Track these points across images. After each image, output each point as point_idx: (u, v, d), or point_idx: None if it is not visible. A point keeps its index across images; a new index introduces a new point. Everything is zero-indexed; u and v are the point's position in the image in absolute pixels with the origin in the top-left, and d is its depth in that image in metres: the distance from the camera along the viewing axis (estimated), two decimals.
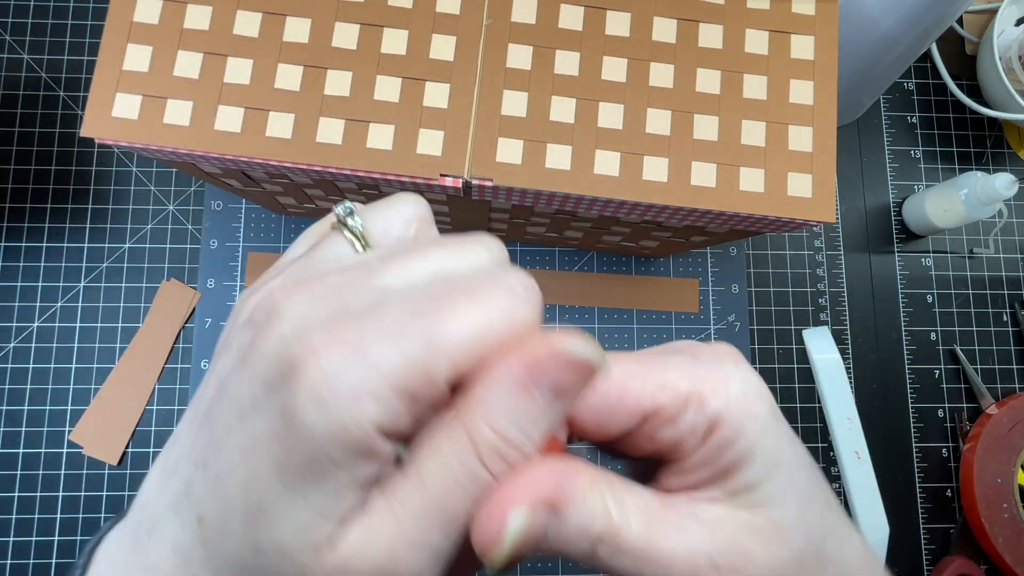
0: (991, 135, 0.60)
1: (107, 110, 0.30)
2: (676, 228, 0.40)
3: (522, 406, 0.13)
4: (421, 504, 0.13)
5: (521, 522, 0.13)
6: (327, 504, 0.13)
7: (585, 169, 0.31)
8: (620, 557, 0.14)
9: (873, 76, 0.51)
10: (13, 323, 0.52)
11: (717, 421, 0.15)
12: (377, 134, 0.31)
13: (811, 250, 0.58)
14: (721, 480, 0.15)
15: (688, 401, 0.15)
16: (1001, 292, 0.58)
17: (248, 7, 0.31)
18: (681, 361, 0.16)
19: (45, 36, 0.55)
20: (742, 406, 0.15)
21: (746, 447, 0.15)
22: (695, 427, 0.15)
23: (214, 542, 0.14)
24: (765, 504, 0.15)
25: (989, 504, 0.51)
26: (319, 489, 0.13)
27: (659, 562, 0.14)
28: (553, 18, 0.32)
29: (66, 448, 0.50)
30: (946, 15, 0.43)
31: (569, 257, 0.56)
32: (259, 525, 0.13)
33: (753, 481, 0.15)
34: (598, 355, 0.13)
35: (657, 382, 0.15)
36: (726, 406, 0.15)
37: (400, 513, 0.13)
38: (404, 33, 0.31)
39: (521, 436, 0.13)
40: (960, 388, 0.56)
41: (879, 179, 0.59)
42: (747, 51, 0.32)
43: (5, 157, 0.53)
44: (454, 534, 0.14)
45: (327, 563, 0.13)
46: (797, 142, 0.32)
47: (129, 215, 0.54)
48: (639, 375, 0.15)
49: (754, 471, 0.15)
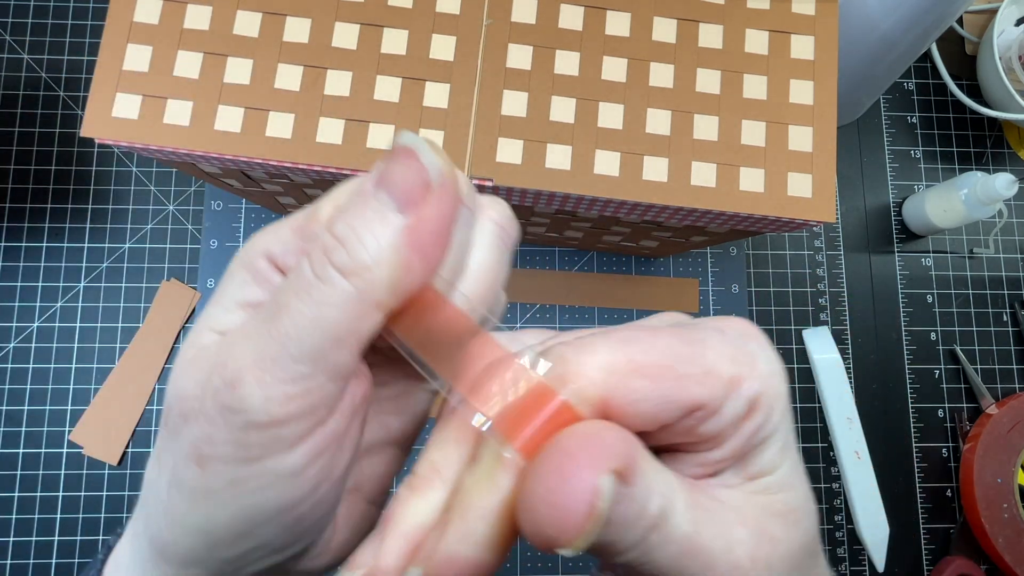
0: (991, 135, 0.60)
1: (107, 110, 0.30)
2: (676, 228, 0.40)
3: (358, 206, 0.14)
4: (269, 315, 0.14)
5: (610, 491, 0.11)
6: (215, 316, 0.16)
7: (585, 169, 0.31)
8: (666, 548, 0.12)
9: (873, 76, 0.51)
10: (13, 323, 0.52)
11: (754, 406, 0.14)
12: (377, 134, 0.31)
13: (811, 250, 0.58)
14: (740, 464, 0.14)
15: (731, 387, 0.13)
16: (1001, 292, 0.58)
17: (248, 7, 0.31)
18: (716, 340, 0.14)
19: (45, 36, 0.55)
20: (772, 387, 0.14)
21: (771, 430, 0.14)
22: (736, 415, 0.13)
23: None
24: (781, 488, 0.14)
25: (989, 504, 0.51)
26: (215, 305, 0.16)
27: (706, 554, 0.13)
28: (553, 18, 0.32)
29: (66, 448, 0.50)
30: (946, 15, 0.43)
31: (569, 257, 0.56)
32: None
33: (771, 465, 0.14)
34: (435, 157, 0.14)
35: (705, 367, 0.13)
36: (761, 388, 0.14)
37: (251, 325, 0.14)
38: (404, 33, 0.31)
39: (350, 234, 0.13)
40: (960, 388, 0.56)
41: (879, 179, 0.59)
42: (747, 51, 0.32)
43: (5, 157, 0.53)
44: (307, 349, 0.13)
45: (188, 352, 0.15)
46: (797, 142, 0.32)
47: (129, 215, 0.54)
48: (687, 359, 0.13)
49: (773, 454, 0.14)
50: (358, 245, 0.13)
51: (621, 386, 0.13)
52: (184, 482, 0.15)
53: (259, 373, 0.13)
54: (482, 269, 0.16)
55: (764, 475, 0.14)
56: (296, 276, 0.14)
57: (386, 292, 0.13)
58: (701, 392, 0.13)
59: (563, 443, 0.12)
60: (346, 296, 0.13)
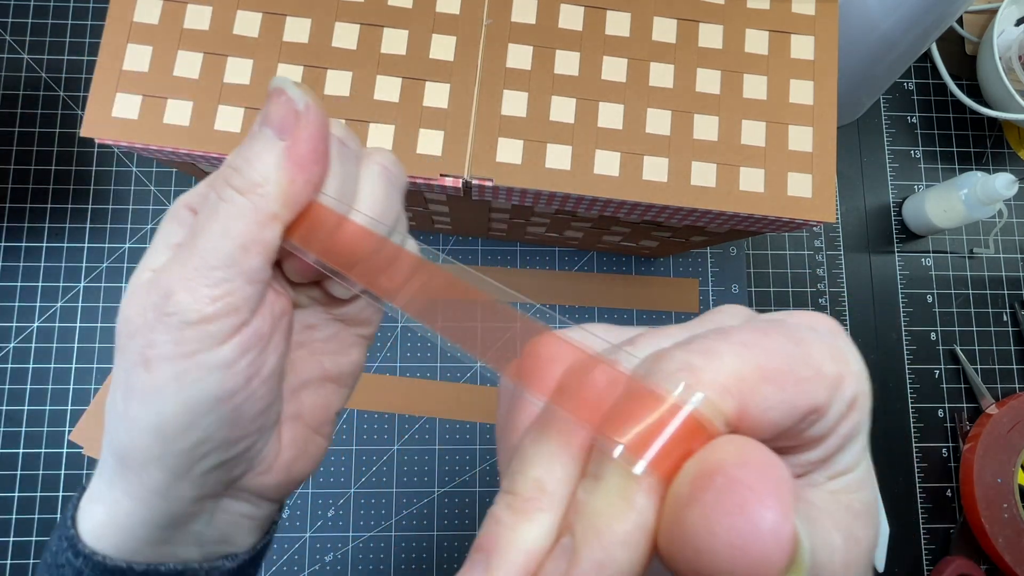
0: (991, 135, 0.60)
1: (107, 110, 0.30)
2: (676, 228, 0.40)
3: (248, 141, 0.17)
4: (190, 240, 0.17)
5: (807, 540, 0.10)
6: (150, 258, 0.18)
7: (585, 169, 0.31)
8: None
9: (873, 76, 0.51)
10: (13, 323, 0.52)
11: (852, 405, 0.13)
12: (377, 134, 0.31)
13: (811, 250, 0.58)
14: (825, 464, 0.13)
15: (835, 387, 0.13)
16: (1001, 292, 0.58)
17: (248, 7, 0.31)
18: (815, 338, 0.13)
19: (45, 36, 0.55)
20: (863, 383, 0.13)
21: (859, 427, 0.13)
22: (839, 415, 0.13)
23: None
24: (860, 486, 0.14)
25: (989, 504, 0.51)
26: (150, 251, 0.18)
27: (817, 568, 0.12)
28: (553, 18, 0.32)
29: (66, 448, 0.50)
30: (946, 15, 0.43)
31: (569, 257, 0.56)
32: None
33: (854, 462, 0.14)
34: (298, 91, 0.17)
35: (816, 368, 0.12)
36: (858, 387, 0.13)
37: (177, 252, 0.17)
38: (404, 33, 0.31)
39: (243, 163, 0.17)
40: (960, 388, 0.56)
41: (879, 179, 0.59)
42: (747, 51, 0.32)
43: (5, 157, 0.53)
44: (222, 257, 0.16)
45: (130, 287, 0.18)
46: (797, 142, 0.32)
47: (129, 215, 0.54)
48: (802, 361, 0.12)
49: (856, 452, 0.14)
50: (249, 169, 0.17)
51: (755, 395, 0.12)
52: (135, 386, 0.17)
53: (186, 282, 0.16)
54: (370, 196, 0.19)
55: (846, 473, 0.14)
56: (206, 205, 0.17)
57: (277, 203, 0.17)
58: (818, 395, 0.12)
59: (735, 472, 0.10)
60: (245, 209, 0.16)
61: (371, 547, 0.51)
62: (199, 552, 0.20)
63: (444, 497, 0.52)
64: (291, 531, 0.51)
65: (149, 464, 0.17)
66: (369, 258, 0.18)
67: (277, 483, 0.21)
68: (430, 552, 0.51)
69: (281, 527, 0.51)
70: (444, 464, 0.52)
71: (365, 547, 0.51)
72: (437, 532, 0.51)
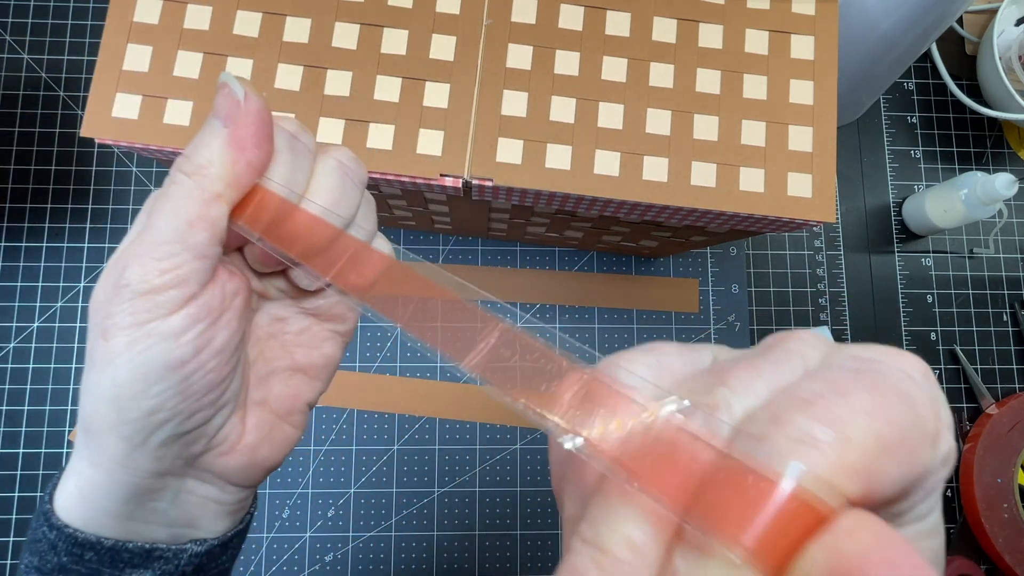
0: (991, 135, 0.60)
1: (107, 110, 0.30)
2: (676, 228, 0.40)
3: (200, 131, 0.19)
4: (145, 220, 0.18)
5: None
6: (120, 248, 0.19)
7: (585, 169, 0.31)
8: None
9: (873, 76, 0.51)
10: (13, 323, 0.52)
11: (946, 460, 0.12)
12: (377, 134, 0.31)
13: (811, 250, 0.58)
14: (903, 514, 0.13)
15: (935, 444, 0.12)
16: (1001, 292, 0.58)
17: (248, 7, 0.31)
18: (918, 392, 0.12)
19: (45, 36, 0.55)
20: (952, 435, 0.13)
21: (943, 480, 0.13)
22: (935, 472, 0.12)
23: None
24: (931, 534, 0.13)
25: (989, 504, 0.51)
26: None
27: None
28: (553, 18, 0.32)
29: (66, 448, 0.50)
30: (946, 15, 0.43)
31: (569, 257, 0.56)
32: None
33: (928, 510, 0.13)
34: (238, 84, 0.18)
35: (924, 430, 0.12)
36: (951, 442, 0.12)
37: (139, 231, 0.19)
38: (404, 33, 0.31)
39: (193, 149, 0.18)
40: (960, 388, 0.56)
41: (879, 179, 0.59)
42: (747, 51, 0.32)
43: (5, 157, 0.53)
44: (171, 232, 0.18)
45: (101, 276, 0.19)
46: (797, 142, 0.32)
47: (129, 215, 0.54)
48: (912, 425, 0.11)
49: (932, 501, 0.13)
50: (196, 154, 0.18)
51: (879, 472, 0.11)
52: (95, 357, 0.18)
53: (138, 256, 0.18)
54: (323, 188, 0.20)
55: (919, 521, 0.13)
56: (160, 190, 0.19)
57: (221, 182, 0.18)
58: (926, 459, 0.11)
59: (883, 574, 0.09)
60: (191, 189, 0.18)
61: (371, 547, 0.51)
62: (166, 533, 0.21)
63: (444, 497, 0.52)
64: (291, 531, 0.51)
65: (108, 432, 0.18)
66: (326, 248, 0.19)
67: (240, 466, 0.21)
68: (430, 552, 0.51)
69: (281, 527, 0.51)
70: (444, 464, 0.52)
71: (365, 547, 0.51)
72: (437, 532, 0.51)
